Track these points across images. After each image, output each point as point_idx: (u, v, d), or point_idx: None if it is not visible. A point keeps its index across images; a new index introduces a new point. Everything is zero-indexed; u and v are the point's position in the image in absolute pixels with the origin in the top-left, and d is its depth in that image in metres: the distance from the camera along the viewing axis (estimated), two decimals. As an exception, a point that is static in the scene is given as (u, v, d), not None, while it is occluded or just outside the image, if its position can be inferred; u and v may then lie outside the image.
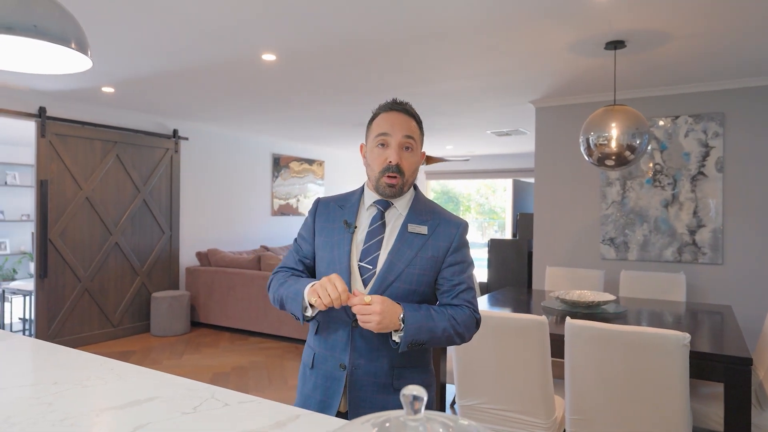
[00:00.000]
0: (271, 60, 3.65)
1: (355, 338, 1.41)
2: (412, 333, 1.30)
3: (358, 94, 4.69)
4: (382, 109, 1.47)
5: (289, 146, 7.92)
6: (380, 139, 1.43)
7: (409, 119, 1.45)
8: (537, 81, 4.20)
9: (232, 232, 6.95)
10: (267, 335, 5.68)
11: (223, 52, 3.50)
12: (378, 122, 1.45)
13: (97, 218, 5.33)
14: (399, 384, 1.40)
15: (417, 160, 1.47)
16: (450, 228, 1.46)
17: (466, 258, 1.47)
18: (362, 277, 1.42)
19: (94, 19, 2.93)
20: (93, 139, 5.28)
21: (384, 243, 1.44)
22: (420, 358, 1.46)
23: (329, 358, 1.43)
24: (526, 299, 3.75)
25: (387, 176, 1.41)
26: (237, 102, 5.09)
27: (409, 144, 1.43)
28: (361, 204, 1.52)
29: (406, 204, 1.49)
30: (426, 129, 6.56)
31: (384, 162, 1.42)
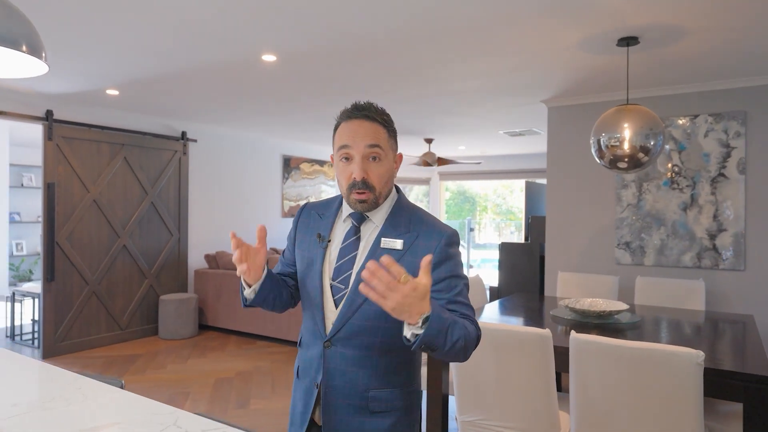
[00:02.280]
0: (272, 60, 3.57)
1: (328, 358, 1.32)
2: (432, 334, 1.09)
3: (363, 96, 4.59)
4: (342, 118, 1.33)
5: (300, 147, 7.86)
6: (342, 153, 1.30)
7: (373, 124, 1.30)
8: (548, 80, 4.05)
9: (242, 234, 6.90)
10: (274, 339, 5.61)
11: (223, 53, 3.43)
12: (339, 133, 1.32)
13: (105, 221, 5.32)
14: (376, 406, 1.31)
15: (387, 169, 1.32)
16: (430, 240, 1.29)
17: (455, 271, 1.29)
18: (334, 297, 1.33)
19: (92, 21, 2.88)
20: (100, 142, 5.27)
21: (357, 260, 1.32)
22: (401, 379, 1.34)
23: (307, 373, 1.38)
24: (537, 307, 3.61)
25: (355, 192, 1.29)
26: (242, 103, 5.03)
27: (374, 153, 1.29)
28: (339, 215, 1.41)
29: (384, 215, 1.36)
30: (437, 129, 6.44)
31: (349, 178, 1.30)
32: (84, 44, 3.27)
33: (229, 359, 4.94)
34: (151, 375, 4.45)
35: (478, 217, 17.44)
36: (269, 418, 3.58)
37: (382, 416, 1.30)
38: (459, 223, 15.79)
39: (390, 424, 1.31)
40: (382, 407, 1.30)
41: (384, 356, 1.31)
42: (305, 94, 4.60)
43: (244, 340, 5.66)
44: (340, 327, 1.30)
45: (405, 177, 9.91)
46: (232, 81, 4.15)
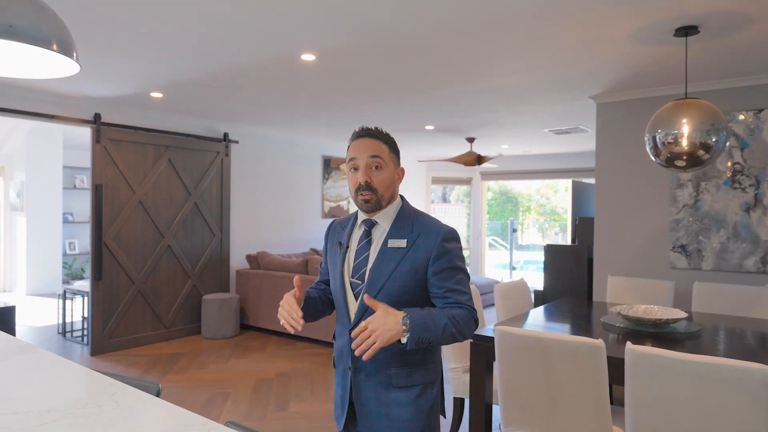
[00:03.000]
0: (311, 60, 3.53)
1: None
2: (418, 331, 1.39)
3: (403, 94, 4.50)
4: (352, 138, 1.60)
5: (340, 148, 7.84)
6: (351, 164, 1.57)
7: (375, 141, 1.57)
8: (597, 74, 3.85)
9: (283, 234, 6.94)
10: (315, 341, 5.59)
11: (262, 53, 3.41)
12: (349, 150, 1.59)
13: (150, 221, 5.44)
14: (398, 382, 1.53)
15: (388, 176, 1.57)
16: (430, 239, 1.53)
17: (452, 263, 1.52)
18: (353, 292, 1.58)
19: (136, 24, 2.91)
20: (145, 144, 5.38)
21: (369, 259, 1.56)
22: (418, 357, 1.54)
23: (341, 360, 1.62)
24: (586, 313, 3.43)
25: (360, 195, 1.55)
26: (282, 104, 5.03)
27: (376, 163, 1.54)
28: (355, 225, 1.66)
29: (390, 219, 1.59)
30: (479, 128, 6.28)
31: (356, 183, 1.55)
32: (129, 48, 3.32)
33: (270, 360, 4.95)
34: (193, 374, 4.50)
35: (520, 218, 17.06)
36: (308, 423, 3.54)
37: (405, 390, 1.52)
38: (501, 223, 15.50)
39: (413, 396, 1.52)
40: (403, 383, 1.52)
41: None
42: (344, 94, 4.55)
43: (284, 340, 5.67)
44: (360, 315, 1.52)
45: (446, 177, 9.76)
46: (271, 81, 4.14)
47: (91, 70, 3.88)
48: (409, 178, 9.21)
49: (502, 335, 2.27)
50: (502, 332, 2.27)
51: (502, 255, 12.87)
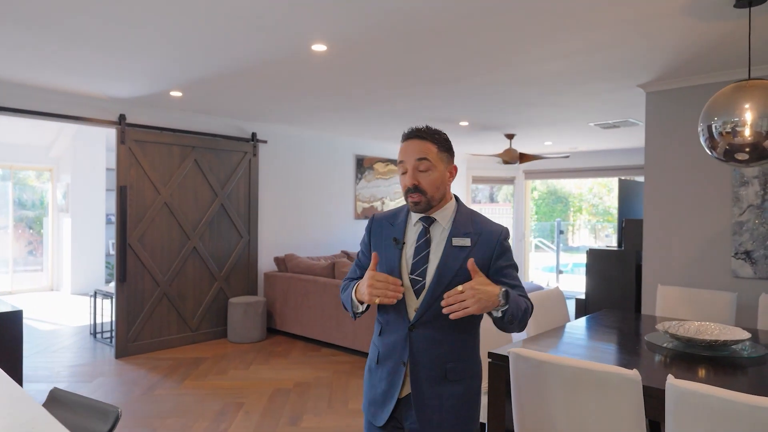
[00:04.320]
0: (322, 51, 3.28)
1: (414, 340, 1.58)
2: (513, 307, 1.49)
3: (428, 86, 4.19)
4: (402, 140, 1.65)
5: (373, 146, 7.59)
6: (401, 167, 1.62)
7: (423, 142, 1.60)
8: (646, 57, 3.41)
9: (313, 236, 6.76)
10: (340, 347, 5.36)
11: (269, 45, 3.20)
12: (399, 153, 1.64)
13: (176, 223, 5.36)
14: (453, 375, 1.58)
15: (438, 176, 1.59)
16: (491, 237, 1.61)
17: (511, 261, 1.63)
18: (413, 288, 1.60)
19: (143, 20, 2.75)
20: (171, 145, 5.31)
21: (431, 256, 1.60)
22: (469, 352, 1.62)
23: (391, 355, 1.62)
24: (632, 328, 3.02)
25: (409, 197, 1.60)
26: (300, 100, 4.82)
27: (423, 165, 1.57)
28: (408, 221, 1.67)
29: (449, 218, 1.64)
30: (519, 123, 5.87)
31: (405, 186, 1.60)
32: (141, 46, 3.18)
33: (291, 367, 4.75)
34: (212, 381, 4.36)
35: (571, 218, 16.28)
36: (319, 439, 3.29)
37: (458, 383, 1.59)
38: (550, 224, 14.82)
39: (464, 388, 1.60)
40: (457, 376, 1.59)
41: (458, 334, 1.59)
42: (361, 88, 4.29)
43: (309, 346, 5.47)
44: (423, 313, 1.57)
45: (487, 176, 9.34)
46: (282, 75, 3.93)
47: (108, 70, 3.79)
48: (447, 177, 8.85)
49: (518, 359, 1.94)
50: (517, 355, 1.94)
51: (550, 257, 12.28)
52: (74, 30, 2.97)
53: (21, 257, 9.46)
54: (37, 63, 3.66)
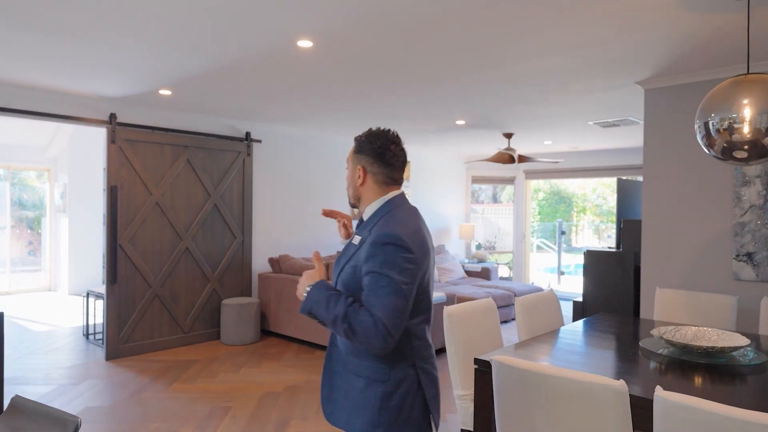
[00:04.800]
0: (308, 47, 3.20)
1: None
2: (309, 304, 1.53)
3: (420, 84, 4.10)
4: None
5: (371, 146, 7.49)
6: None
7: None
8: (643, 53, 3.30)
9: (309, 236, 6.68)
10: (334, 350, 5.27)
11: (255, 41, 3.12)
12: None
13: (168, 223, 5.29)
14: (351, 369, 1.60)
15: (349, 176, 1.69)
16: (370, 239, 1.52)
17: (378, 268, 1.47)
18: None
19: (126, 14, 2.67)
20: (163, 144, 5.24)
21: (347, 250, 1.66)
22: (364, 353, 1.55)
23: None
24: (629, 333, 2.92)
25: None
26: (290, 99, 4.74)
27: (347, 165, 1.71)
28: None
29: (367, 216, 1.65)
30: (517, 122, 5.77)
31: None
32: (125, 41, 3.11)
33: (283, 370, 4.66)
34: (201, 384, 4.28)
35: (575, 219, 16.14)
36: (305, 446, 3.21)
37: (356, 378, 1.58)
38: (552, 225, 14.68)
39: (361, 386, 1.56)
40: (354, 370, 1.58)
41: None
42: (352, 86, 4.20)
43: (303, 348, 5.38)
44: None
45: (487, 176, 9.23)
46: (270, 73, 3.85)
47: (94, 67, 3.72)
48: (448, 177, 8.75)
49: (500, 368, 1.84)
50: (500, 364, 1.84)
51: (552, 258, 12.15)
52: (57, 25, 2.89)
53: (21, 257, 9.43)
54: (23, 61, 3.60)
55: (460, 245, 9.06)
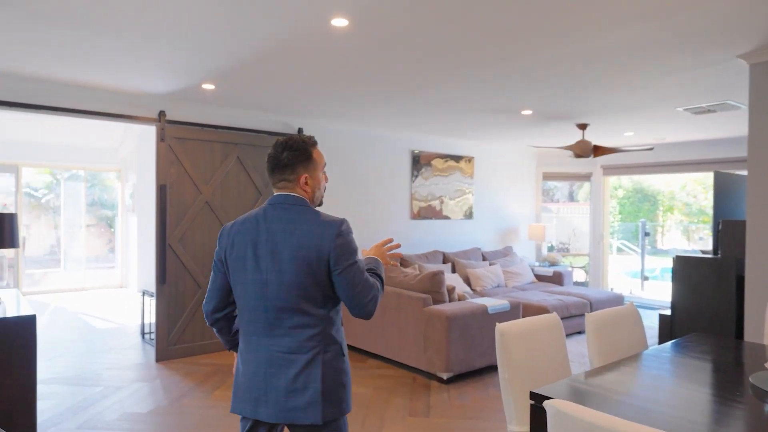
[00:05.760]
0: (344, 26, 2.86)
1: None
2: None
3: (476, 68, 3.64)
4: (312, 144, 1.78)
5: (430, 141, 7.08)
6: (325, 167, 1.84)
7: None
8: (749, 18, 2.68)
9: (365, 237, 6.37)
10: (387, 360, 4.93)
11: (287, 23, 2.82)
12: (319, 155, 1.79)
13: (217, 223, 5.17)
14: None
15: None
16: None
17: None
18: None
19: (158, 4, 2.47)
20: (213, 142, 5.12)
21: None
22: None
23: None
24: (731, 362, 2.36)
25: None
26: (333, 90, 4.42)
27: None
28: None
29: None
30: (592, 110, 5.16)
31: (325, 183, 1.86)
32: (160, 32, 2.93)
33: (330, 380, 4.37)
34: (244, 392, 4.07)
35: (660, 219, 14.84)
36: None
37: None
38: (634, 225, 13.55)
39: None
40: None
41: None
42: (400, 73, 3.81)
43: (355, 356, 5.08)
44: None
45: (560, 172, 8.53)
46: (306, 58, 3.54)
47: (136, 61, 3.60)
48: (515, 174, 8.16)
49: (557, 416, 1.40)
50: (556, 411, 1.40)
51: (635, 262, 11.15)
52: (99, 21, 2.75)
53: (100, 255, 9.88)
54: (74, 59, 3.53)
55: (529, 247, 8.43)
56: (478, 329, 4.42)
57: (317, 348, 1.64)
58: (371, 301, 1.65)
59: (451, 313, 4.25)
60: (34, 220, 11.70)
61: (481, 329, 4.44)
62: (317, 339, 1.64)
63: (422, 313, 4.40)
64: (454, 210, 7.36)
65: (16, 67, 3.82)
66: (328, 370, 1.64)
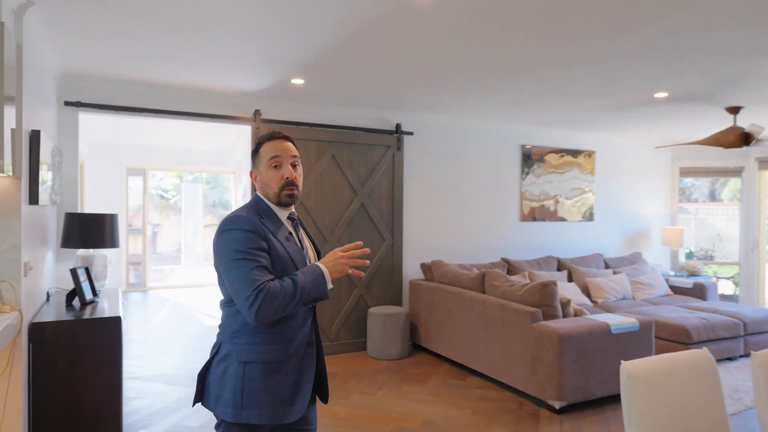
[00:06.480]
0: (428, 1, 2.44)
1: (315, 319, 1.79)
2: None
3: (595, 39, 3.01)
4: (265, 140, 1.76)
5: (543, 135, 6.38)
6: (274, 162, 1.71)
7: (290, 143, 1.77)
8: None
9: (468, 240, 5.88)
10: (488, 378, 4.40)
11: (368, 2, 2.47)
12: (267, 149, 1.73)
13: (312, 224, 4.99)
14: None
15: (301, 173, 1.77)
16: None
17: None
18: None
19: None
20: (307, 140, 4.96)
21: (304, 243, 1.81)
22: None
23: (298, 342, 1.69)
24: None
25: (286, 190, 1.71)
26: (425, 76, 3.99)
27: (295, 162, 1.75)
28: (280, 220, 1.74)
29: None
30: (744, 88, 4.21)
31: (281, 179, 1.71)
32: (241, 24, 2.75)
33: (424, 398, 3.96)
34: (330, 405, 3.81)
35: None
36: None
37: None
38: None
39: None
40: None
41: None
42: (500, 53, 3.28)
43: (454, 371, 4.61)
44: None
45: (701, 167, 7.31)
46: (391, 39, 3.16)
47: (228, 57, 3.49)
48: (645, 169, 7.14)
49: None
50: None
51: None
52: (188, 18, 2.62)
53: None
54: (167, 59, 3.51)
55: (662, 253, 7.34)
56: (598, 352, 3.74)
57: (217, 343, 1.70)
58: (252, 306, 1.50)
59: (565, 331, 3.63)
60: (164, 220, 12.71)
61: (602, 352, 3.76)
62: (219, 335, 1.72)
63: (530, 329, 3.82)
64: (570, 211, 6.57)
65: (114, 72, 3.90)
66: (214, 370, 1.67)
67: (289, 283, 1.56)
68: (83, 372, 2.90)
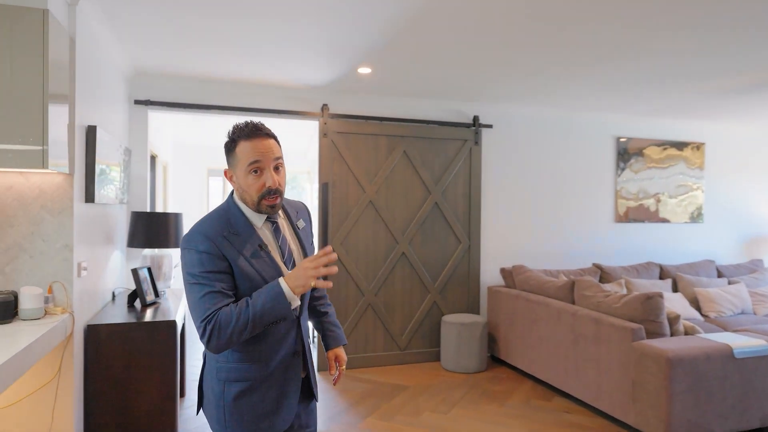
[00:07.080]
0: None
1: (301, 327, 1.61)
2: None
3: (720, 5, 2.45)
4: (242, 136, 1.49)
5: (643, 125, 5.66)
6: (253, 167, 1.48)
7: (272, 141, 1.51)
8: None
9: (554, 243, 5.32)
10: (578, 401, 3.87)
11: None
12: (244, 151, 1.48)
13: (382, 224, 4.69)
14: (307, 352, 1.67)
15: (285, 174, 1.54)
16: (304, 212, 1.72)
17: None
18: None
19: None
20: (377, 135, 4.66)
21: (291, 246, 1.59)
22: None
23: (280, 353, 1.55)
24: None
25: (267, 199, 1.49)
26: (508, 61, 3.53)
27: (278, 164, 1.51)
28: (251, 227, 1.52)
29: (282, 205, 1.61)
30: None
31: (262, 188, 1.48)
32: (306, 7, 2.51)
33: (504, 420, 3.53)
34: (398, 423, 3.47)
35: None
36: None
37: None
38: None
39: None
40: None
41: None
42: (584, 30, 2.78)
43: (538, 390, 4.12)
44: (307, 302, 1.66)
45: None
46: (465, 23, 2.76)
47: (291, 47, 3.28)
48: (766, 162, 6.18)
49: None
50: None
51: None
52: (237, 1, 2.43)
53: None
54: (230, 50, 3.37)
55: (788, 260, 6.32)
56: (717, 379, 3.12)
57: (204, 355, 1.63)
58: (203, 337, 1.38)
59: (675, 354, 3.05)
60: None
61: (722, 380, 3.13)
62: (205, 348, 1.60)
63: (630, 349, 3.27)
64: (675, 211, 5.80)
65: (180, 68, 3.81)
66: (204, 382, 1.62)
67: (243, 307, 1.40)
68: (137, 376, 2.78)
